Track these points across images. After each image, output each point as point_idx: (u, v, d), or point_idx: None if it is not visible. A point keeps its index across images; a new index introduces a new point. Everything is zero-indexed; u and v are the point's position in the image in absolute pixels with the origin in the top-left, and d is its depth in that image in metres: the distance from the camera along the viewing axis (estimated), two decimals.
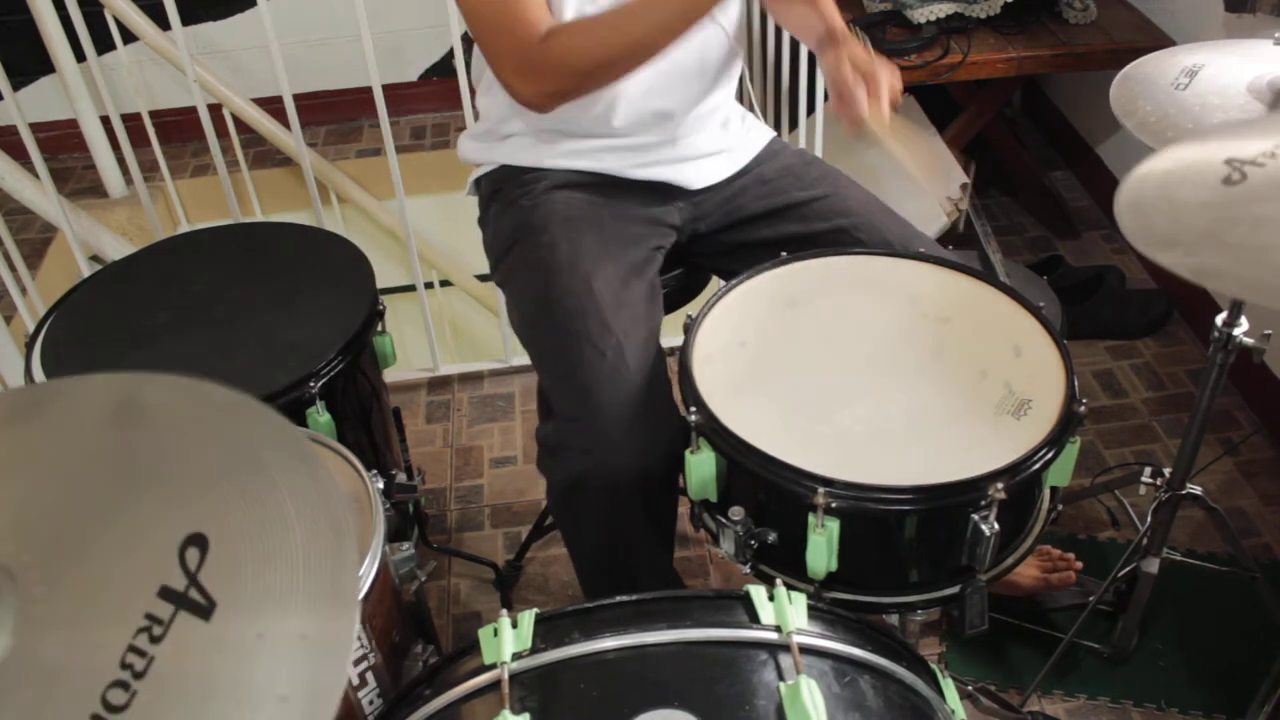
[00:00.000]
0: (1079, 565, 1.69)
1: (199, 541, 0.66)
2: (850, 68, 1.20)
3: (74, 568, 0.67)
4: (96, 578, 0.66)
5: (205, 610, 0.64)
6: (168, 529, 0.67)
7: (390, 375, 2.10)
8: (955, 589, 1.10)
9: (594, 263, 1.28)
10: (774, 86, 2.24)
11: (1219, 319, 1.30)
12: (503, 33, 1.19)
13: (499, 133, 1.41)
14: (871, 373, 1.16)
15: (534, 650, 0.82)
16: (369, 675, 1.09)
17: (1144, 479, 1.52)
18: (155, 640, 0.62)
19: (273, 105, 2.67)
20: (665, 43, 1.21)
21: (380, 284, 1.47)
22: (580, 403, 1.20)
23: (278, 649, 0.63)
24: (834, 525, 1.03)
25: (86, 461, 0.74)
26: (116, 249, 2.64)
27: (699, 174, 1.43)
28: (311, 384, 1.30)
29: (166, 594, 0.64)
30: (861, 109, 1.20)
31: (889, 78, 1.22)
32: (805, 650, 0.83)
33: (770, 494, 1.08)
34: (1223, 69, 1.31)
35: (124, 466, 0.73)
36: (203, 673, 0.62)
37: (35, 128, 1.92)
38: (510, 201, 1.39)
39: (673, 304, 1.48)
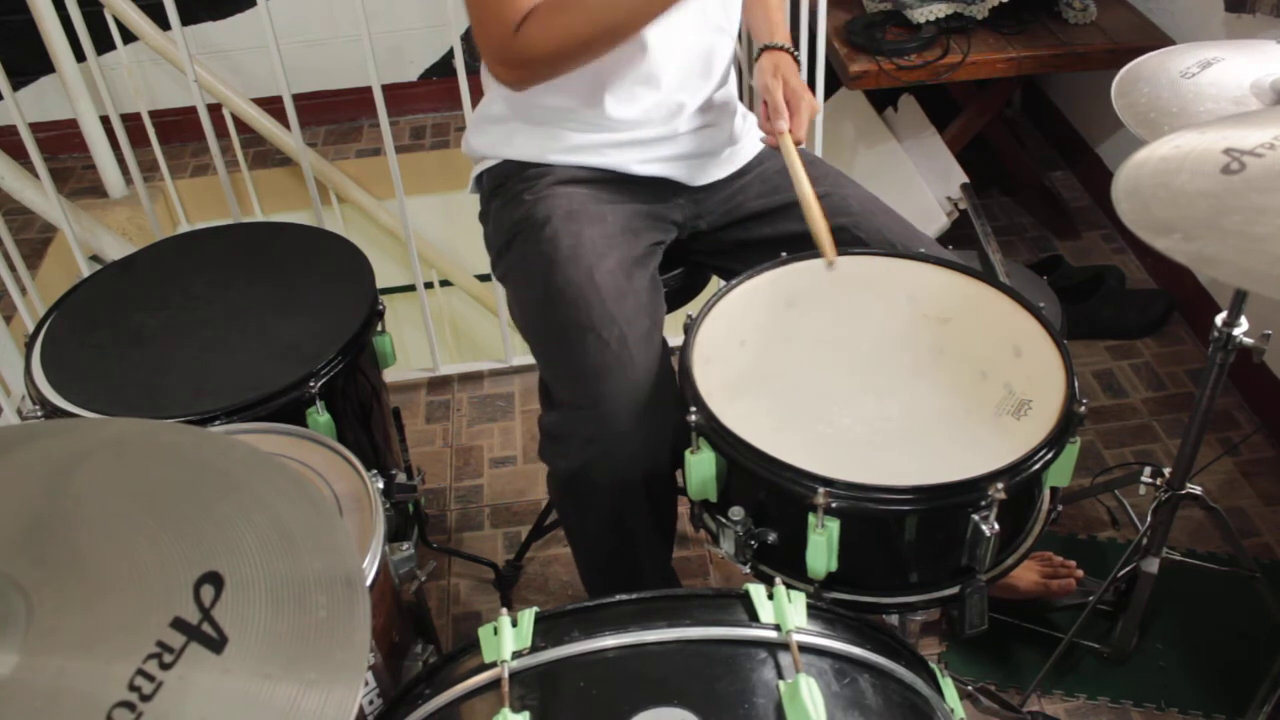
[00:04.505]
0: (1080, 574, 1.69)
1: (214, 580, 0.69)
2: (783, 93, 1.34)
3: (86, 589, 0.69)
4: (108, 601, 0.68)
5: (217, 644, 0.66)
6: (184, 564, 0.70)
7: (390, 375, 2.10)
8: (955, 589, 1.10)
9: (596, 255, 1.28)
10: None
11: (1219, 319, 1.30)
12: (486, 21, 1.22)
13: (504, 124, 1.42)
14: (872, 373, 1.16)
15: (534, 649, 0.83)
16: (369, 675, 1.09)
17: (1144, 479, 1.52)
18: (165, 667, 0.64)
19: (273, 105, 2.67)
20: (635, 27, 1.23)
21: (380, 284, 1.47)
22: (585, 391, 1.20)
23: (284, 690, 0.65)
24: (834, 525, 1.03)
25: (105, 491, 0.76)
26: (116, 249, 2.64)
27: (700, 171, 1.43)
28: (311, 384, 1.30)
29: (179, 625, 0.66)
30: (782, 127, 1.33)
31: (809, 106, 1.36)
32: (805, 649, 0.83)
33: (770, 494, 1.08)
34: (1232, 66, 1.32)
35: (144, 501, 0.76)
36: (209, 702, 0.64)
37: (35, 128, 1.92)
38: (512, 196, 1.40)
39: (673, 303, 1.47)
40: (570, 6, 1.20)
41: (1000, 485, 1.00)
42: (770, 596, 0.87)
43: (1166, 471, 1.47)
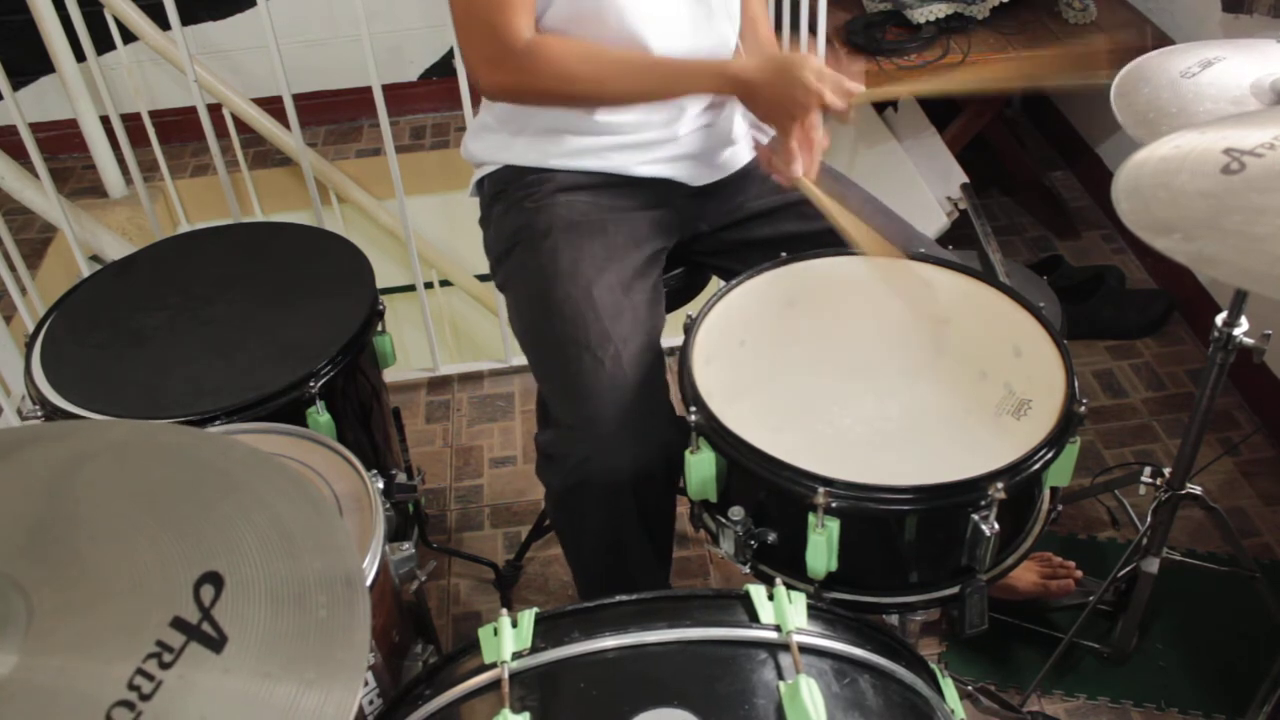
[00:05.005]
0: (1079, 574, 1.69)
1: (214, 579, 0.69)
2: (797, 141, 1.24)
3: (86, 589, 0.69)
4: (109, 601, 0.68)
5: (217, 644, 0.66)
6: (184, 564, 0.70)
7: (390, 375, 2.10)
8: (955, 589, 1.10)
9: (596, 270, 1.29)
10: None
11: (1219, 319, 1.30)
12: (486, 23, 1.22)
13: (503, 130, 1.42)
14: (871, 373, 1.16)
15: (534, 649, 0.83)
16: (369, 675, 1.09)
17: (1144, 479, 1.52)
18: (165, 666, 0.64)
19: (273, 105, 2.67)
20: (631, 105, 1.31)
21: (380, 284, 1.47)
22: (578, 411, 1.21)
23: (284, 690, 0.65)
24: (834, 525, 1.03)
25: (105, 492, 0.76)
26: (116, 249, 2.64)
27: (701, 171, 1.43)
28: (311, 384, 1.30)
29: (179, 625, 0.66)
30: (797, 171, 1.26)
31: (820, 145, 1.26)
32: (805, 650, 0.83)
33: (770, 494, 1.08)
34: (1232, 65, 1.32)
35: (144, 501, 0.76)
36: (209, 701, 0.64)
37: (35, 128, 1.92)
38: (513, 203, 1.40)
39: (673, 304, 1.48)
40: (585, 61, 1.24)
41: (1000, 485, 1.00)
42: (770, 597, 0.87)
43: (1166, 471, 1.47)
